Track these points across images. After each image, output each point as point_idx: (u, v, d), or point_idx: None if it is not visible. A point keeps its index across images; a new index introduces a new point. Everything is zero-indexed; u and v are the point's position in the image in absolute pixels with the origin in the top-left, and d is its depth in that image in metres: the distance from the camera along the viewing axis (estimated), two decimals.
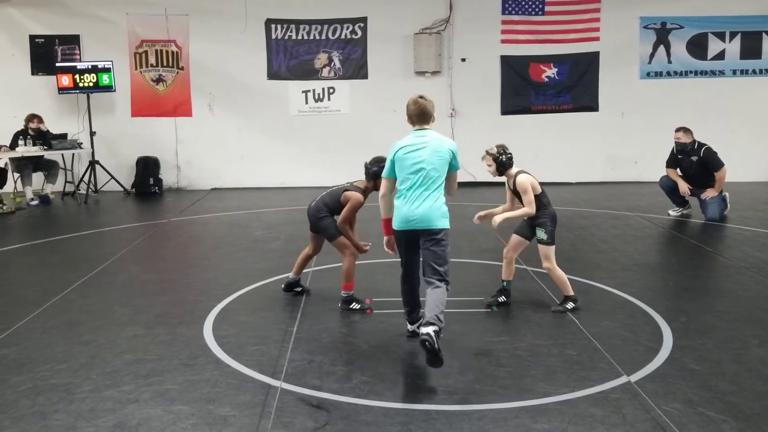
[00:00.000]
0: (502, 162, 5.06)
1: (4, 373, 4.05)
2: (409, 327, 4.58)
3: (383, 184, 4.50)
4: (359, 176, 5.37)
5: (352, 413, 3.52)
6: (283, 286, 5.59)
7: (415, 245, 4.32)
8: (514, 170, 5.11)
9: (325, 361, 4.18)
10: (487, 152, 5.11)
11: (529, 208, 5.00)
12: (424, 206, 4.21)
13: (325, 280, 6.00)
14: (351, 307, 5.16)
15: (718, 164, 8.50)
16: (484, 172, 5.31)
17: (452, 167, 4.32)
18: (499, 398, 3.66)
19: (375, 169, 5.09)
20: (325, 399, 3.66)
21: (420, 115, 4.37)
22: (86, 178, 11.18)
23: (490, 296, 5.32)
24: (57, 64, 11.36)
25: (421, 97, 4.40)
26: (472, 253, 6.99)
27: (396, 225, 4.33)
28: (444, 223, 4.25)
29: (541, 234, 5.09)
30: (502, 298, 5.27)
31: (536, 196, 5.04)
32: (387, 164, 4.43)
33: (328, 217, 5.29)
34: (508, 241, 5.35)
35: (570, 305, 5.11)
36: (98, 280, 6.11)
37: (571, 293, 5.15)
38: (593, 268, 6.37)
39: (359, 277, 5.33)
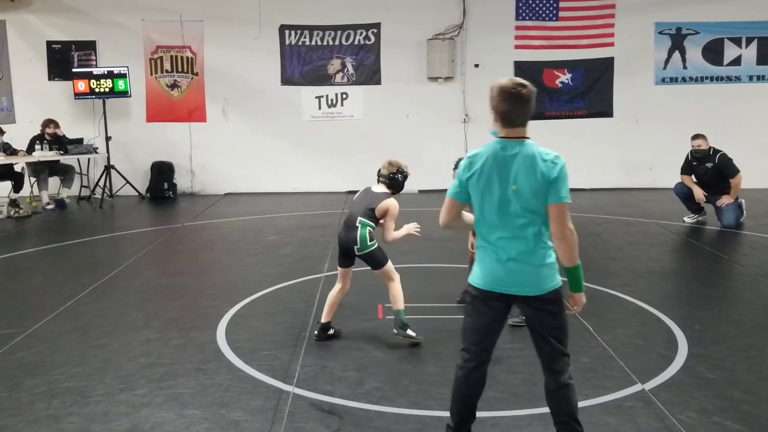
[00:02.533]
0: (398, 180, 4.74)
1: (20, 375, 4.08)
2: None
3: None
4: (371, 181, 5.20)
5: (364, 419, 3.51)
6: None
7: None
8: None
9: (337, 367, 4.18)
10: (394, 167, 4.78)
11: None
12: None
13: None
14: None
15: (734, 171, 8.42)
16: None
17: None
18: (512, 406, 3.65)
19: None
20: (337, 404, 3.66)
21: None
22: (101, 183, 11.27)
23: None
24: (73, 70, 11.47)
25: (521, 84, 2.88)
26: None
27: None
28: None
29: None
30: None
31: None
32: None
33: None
34: None
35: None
36: (113, 284, 6.16)
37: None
38: (607, 275, 6.33)
39: (373, 282, 5.32)
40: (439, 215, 3.09)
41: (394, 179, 4.70)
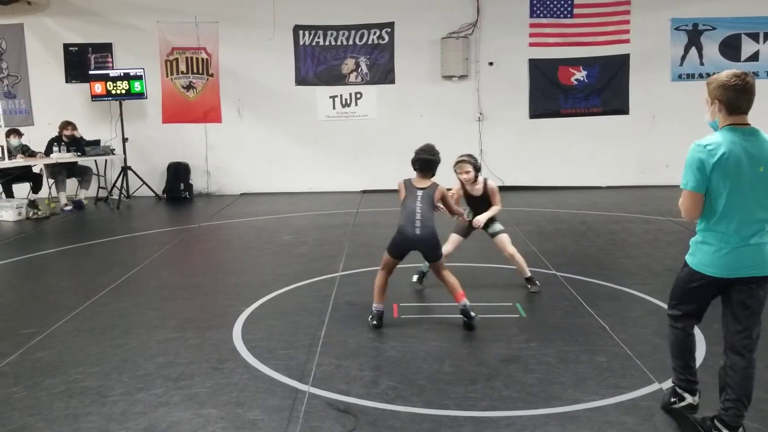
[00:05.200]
0: (479, 167, 5.72)
1: (39, 375, 4.13)
2: (694, 399, 3.48)
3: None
4: (386, 180, 5.32)
5: (380, 418, 3.51)
6: (375, 322, 4.87)
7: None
8: (481, 176, 5.74)
9: (353, 366, 4.19)
10: (464, 160, 5.63)
11: (500, 206, 5.77)
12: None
13: (352, 284, 6.01)
14: (472, 314, 4.80)
15: None
16: (510, 177, 5.35)
17: None
18: (528, 405, 3.63)
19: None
20: (352, 404, 3.67)
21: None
22: (119, 184, 11.36)
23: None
24: (90, 72, 11.58)
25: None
26: (501, 258, 6.93)
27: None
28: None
29: (498, 226, 5.80)
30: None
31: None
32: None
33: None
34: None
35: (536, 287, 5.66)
36: (130, 284, 6.21)
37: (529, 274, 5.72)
38: (624, 273, 6.29)
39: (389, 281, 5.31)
40: (684, 212, 3.17)
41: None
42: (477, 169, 5.67)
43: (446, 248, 5.52)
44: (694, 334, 3.43)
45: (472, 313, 4.79)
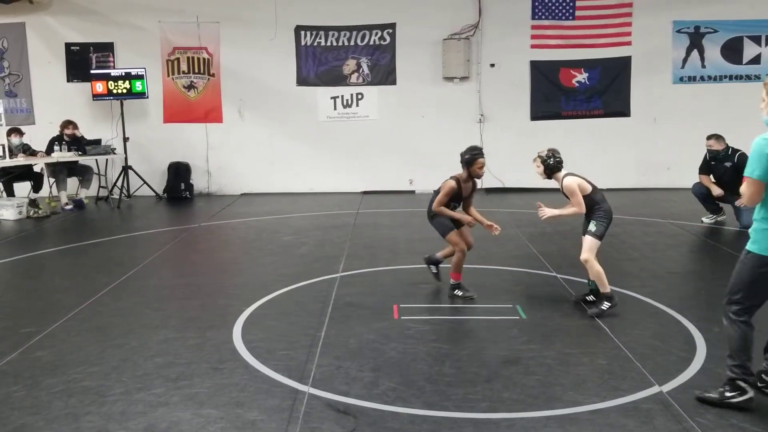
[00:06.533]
0: (549, 165, 5.30)
1: (38, 374, 4.12)
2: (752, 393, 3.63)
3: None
4: (387, 181, 5.39)
5: (379, 419, 3.51)
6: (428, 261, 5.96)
7: None
8: (562, 173, 5.29)
9: (353, 367, 4.19)
10: (538, 155, 5.38)
11: (578, 208, 5.16)
12: None
13: (352, 285, 6.00)
14: (455, 293, 5.55)
15: None
16: (511, 178, 5.31)
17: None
18: (528, 407, 3.63)
19: (467, 157, 5.55)
20: (352, 405, 3.67)
21: None
22: (119, 183, 11.36)
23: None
24: (91, 72, 11.57)
25: None
26: (502, 259, 6.94)
27: None
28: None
29: (592, 226, 5.17)
30: (590, 297, 5.34)
31: (588, 195, 5.17)
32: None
33: (435, 217, 5.64)
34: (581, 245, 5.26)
35: (605, 306, 5.07)
36: (130, 284, 6.20)
37: (608, 290, 5.12)
38: (625, 276, 6.28)
39: (388, 282, 5.32)
40: (748, 198, 3.49)
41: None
42: (545, 164, 5.37)
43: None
44: None
45: (457, 292, 5.51)
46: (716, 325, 4.86)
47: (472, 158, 5.55)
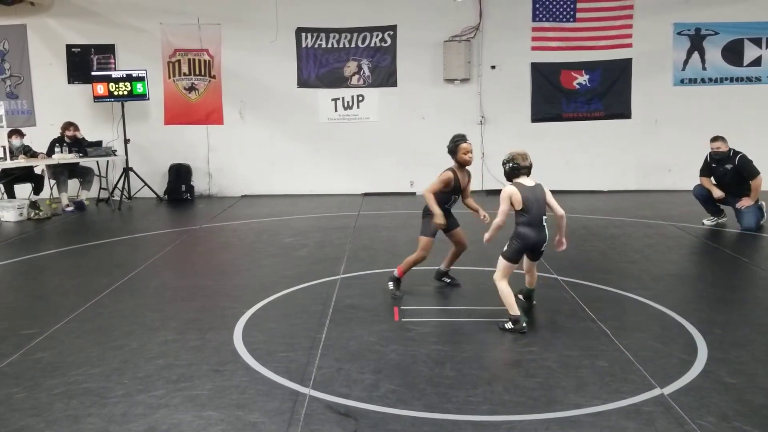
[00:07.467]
0: (505, 170, 5.03)
1: (39, 376, 4.12)
2: None
3: None
4: (387, 183, 5.38)
5: (380, 422, 3.51)
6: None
7: None
8: (522, 180, 4.96)
9: (354, 369, 4.18)
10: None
11: (498, 218, 4.90)
12: None
13: (353, 287, 6.00)
14: (389, 284, 5.66)
15: (754, 172, 8.32)
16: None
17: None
18: (529, 410, 3.62)
19: (450, 146, 5.61)
20: (353, 407, 3.66)
21: None
22: (120, 185, 11.37)
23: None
24: (92, 73, 11.59)
25: None
26: None
27: None
28: None
29: (506, 245, 4.97)
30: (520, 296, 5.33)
31: (517, 211, 4.88)
32: None
33: (427, 216, 5.58)
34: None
35: (508, 326, 4.78)
36: (131, 286, 6.20)
37: (516, 313, 4.79)
38: (626, 278, 6.28)
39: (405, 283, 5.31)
40: None
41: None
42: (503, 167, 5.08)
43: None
44: None
45: (390, 284, 5.60)
46: (717, 327, 4.86)
47: (454, 146, 5.59)
